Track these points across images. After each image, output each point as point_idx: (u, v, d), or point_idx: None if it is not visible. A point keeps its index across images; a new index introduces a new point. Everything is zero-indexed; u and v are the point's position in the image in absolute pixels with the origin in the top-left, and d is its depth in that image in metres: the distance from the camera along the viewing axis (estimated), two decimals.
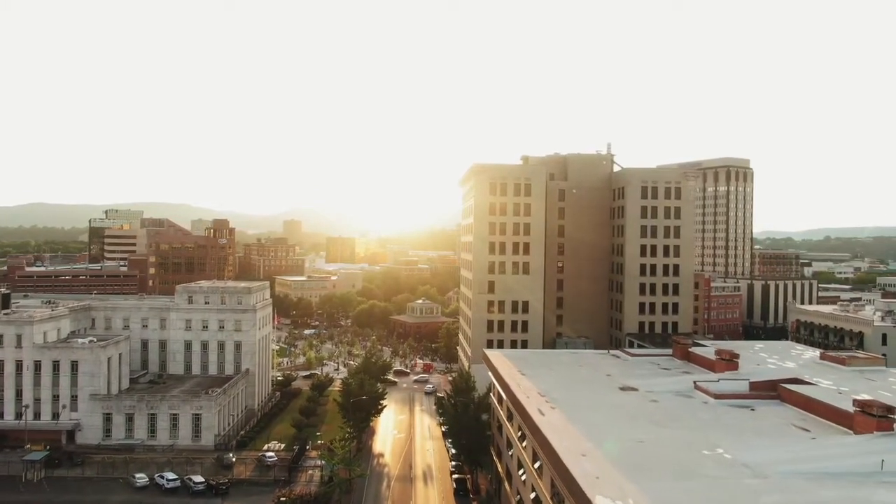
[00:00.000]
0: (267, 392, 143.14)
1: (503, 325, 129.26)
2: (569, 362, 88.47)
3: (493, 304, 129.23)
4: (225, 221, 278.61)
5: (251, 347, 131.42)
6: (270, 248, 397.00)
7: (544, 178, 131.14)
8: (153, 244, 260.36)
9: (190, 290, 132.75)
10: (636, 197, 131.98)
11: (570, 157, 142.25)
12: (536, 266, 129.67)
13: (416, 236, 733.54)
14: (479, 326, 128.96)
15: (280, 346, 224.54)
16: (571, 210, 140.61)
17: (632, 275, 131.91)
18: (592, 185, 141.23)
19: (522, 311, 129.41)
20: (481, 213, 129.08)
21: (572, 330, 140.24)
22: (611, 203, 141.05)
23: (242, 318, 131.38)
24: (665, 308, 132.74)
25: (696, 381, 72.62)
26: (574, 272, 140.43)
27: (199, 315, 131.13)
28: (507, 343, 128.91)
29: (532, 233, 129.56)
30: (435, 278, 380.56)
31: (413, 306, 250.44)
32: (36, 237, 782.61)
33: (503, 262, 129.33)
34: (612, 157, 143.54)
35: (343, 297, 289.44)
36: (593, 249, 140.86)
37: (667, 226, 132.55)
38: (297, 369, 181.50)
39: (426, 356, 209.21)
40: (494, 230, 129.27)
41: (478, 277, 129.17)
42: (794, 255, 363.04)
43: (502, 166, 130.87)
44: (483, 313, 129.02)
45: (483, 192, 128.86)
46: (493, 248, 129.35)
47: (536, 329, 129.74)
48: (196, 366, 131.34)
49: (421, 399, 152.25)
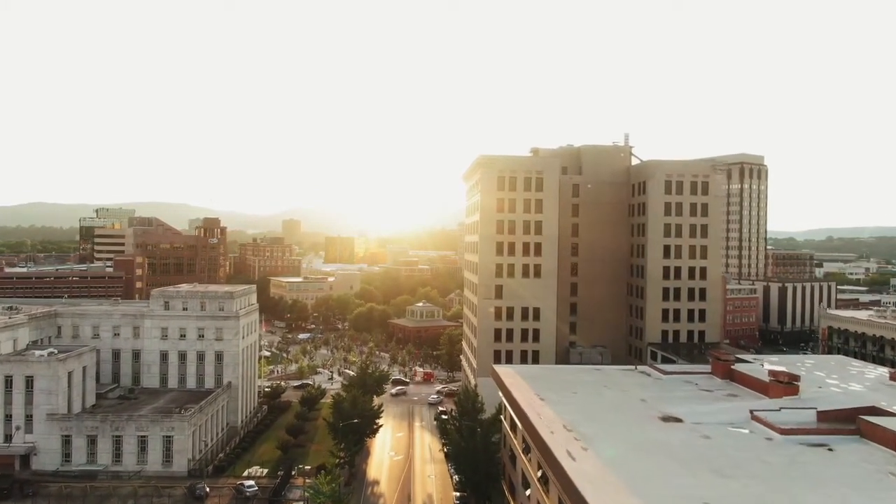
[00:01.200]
0: (252, 406, 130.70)
1: (512, 334, 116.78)
2: (593, 382, 76.07)
3: (501, 310, 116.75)
4: (216, 220, 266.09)
5: (234, 358, 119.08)
6: (266, 249, 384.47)
7: (558, 170, 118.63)
8: (140, 244, 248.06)
9: (166, 295, 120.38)
10: (659, 192, 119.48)
11: (584, 148, 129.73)
12: (549, 269, 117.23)
13: (415, 236, 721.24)
14: (485, 335, 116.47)
15: (272, 351, 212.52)
16: (586, 207, 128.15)
17: (654, 278, 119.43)
18: (609, 179, 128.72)
19: (533, 319, 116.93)
20: (488, 210, 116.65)
21: (587, 339, 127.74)
22: (630, 199, 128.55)
23: (224, 325, 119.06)
24: (691, 315, 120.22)
25: (753, 411, 60.19)
26: (589, 275, 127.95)
27: (176, 322, 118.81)
28: (516, 354, 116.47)
29: (544, 232, 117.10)
30: (436, 279, 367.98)
31: (413, 309, 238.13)
32: (34, 237, 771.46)
33: (512, 265, 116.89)
34: (630, 150, 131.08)
35: (340, 299, 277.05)
36: (610, 250, 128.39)
37: (693, 224, 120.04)
38: (288, 378, 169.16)
39: (427, 363, 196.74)
40: (502, 229, 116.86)
41: (484, 281, 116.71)
42: (808, 256, 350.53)
43: (511, 158, 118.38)
44: (489, 320, 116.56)
45: (490, 187, 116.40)
46: (501, 248, 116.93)
47: (549, 339, 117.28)
48: (173, 379, 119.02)
49: (421, 413, 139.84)
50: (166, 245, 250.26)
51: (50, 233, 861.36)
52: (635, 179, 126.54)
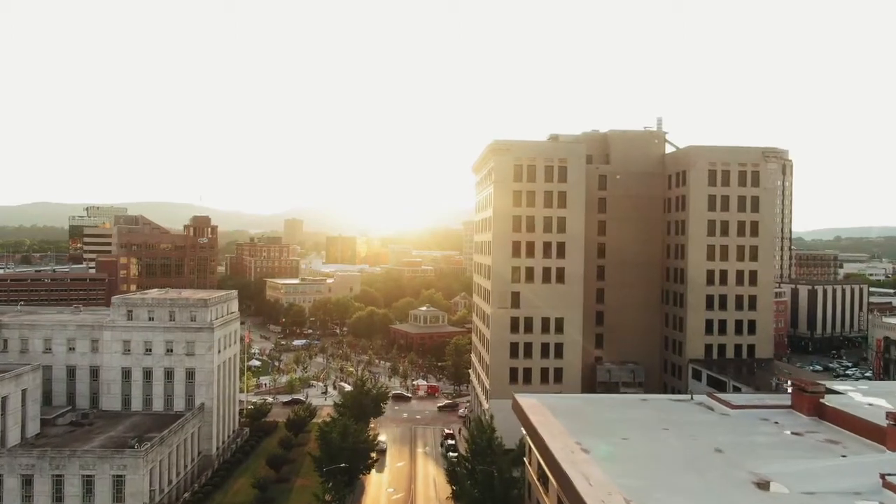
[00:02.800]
0: (231, 430, 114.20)
1: (531, 349, 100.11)
2: (645, 421, 59.08)
3: (518, 321, 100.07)
4: (206, 218, 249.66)
5: (208, 376, 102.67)
6: (263, 249, 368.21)
7: (584, 157, 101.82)
8: (125, 244, 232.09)
9: (129, 303, 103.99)
10: (702, 183, 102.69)
11: (612, 134, 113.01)
12: (574, 272, 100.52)
13: (418, 235, 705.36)
14: (499, 351, 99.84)
15: (263, 359, 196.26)
16: (615, 201, 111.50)
17: (696, 284, 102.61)
18: (641, 169, 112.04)
19: (556, 331, 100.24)
20: (503, 205, 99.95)
21: (616, 353, 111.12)
22: (665, 192, 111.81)
23: (196, 338, 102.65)
24: (738, 327, 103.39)
25: (886, 476, 43.42)
26: (617, 280, 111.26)
27: (140, 335, 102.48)
28: (535, 372, 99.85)
29: (568, 230, 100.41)
30: (440, 281, 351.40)
31: (416, 314, 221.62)
32: (35, 236, 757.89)
33: (531, 268, 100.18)
34: (664, 135, 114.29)
35: (338, 302, 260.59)
36: (642, 251, 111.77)
37: (741, 221, 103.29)
38: (278, 392, 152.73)
39: (430, 373, 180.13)
40: (519, 226, 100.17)
41: (498, 287, 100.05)
42: (832, 257, 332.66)
43: (530, 143, 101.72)
44: (504, 333, 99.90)
45: (505, 178, 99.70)
46: (518, 249, 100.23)
47: (573, 354, 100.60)
48: (136, 400, 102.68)
49: (425, 437, 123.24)
50: (153, 245, 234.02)
51: (51, 232, 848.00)
52: (672, 169, 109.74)
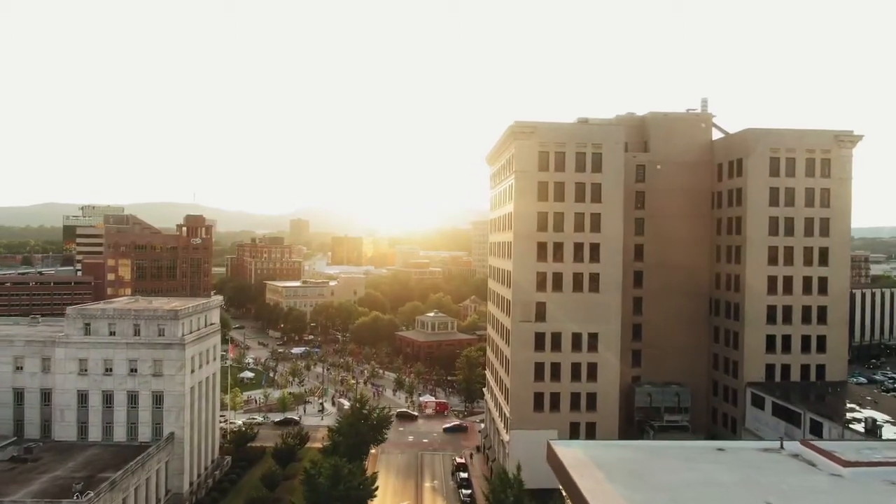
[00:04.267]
0: (209, 461, 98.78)
1: (559, 370, 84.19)
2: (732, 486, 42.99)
3: (544, 338, 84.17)
4: (200, 218, 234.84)
5: (178, 400, 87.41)
6: (264, 249, 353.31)
7: (622, 141, 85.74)
8: (113, 244, 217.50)
9: (87, 315, 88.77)
10: (762, 173, 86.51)
11: (651, 118, 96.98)
12: (610, 280, 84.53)
13: (426, 235, 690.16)
14: (521, 373, 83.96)
15: (258, 369, 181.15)
16: (655, 195, 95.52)
17: (755, 293, 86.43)
18: (685, 158, 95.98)
19: (588, 349, 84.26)
20: (526, 200, 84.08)
21: (656, 373, 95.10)
22: (714, 184, 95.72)
23: (165, 356, 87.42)
24: (806, 344, 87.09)
25: None
26: (658, 287, 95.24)
27: (99, 352, 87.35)
28: (565, 399, 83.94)
29: (604, 229, 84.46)
30: (448, 283, 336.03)
31: (423, 320, 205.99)
32: (41, 237, 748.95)
33: (559, 274, 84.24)
34: (711, 119, 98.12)
35: (341, 307, 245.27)
36: (688, 254, 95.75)
37: (809, 218, 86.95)
38: (270, 409, 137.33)
39: (439, 387, 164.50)
40: (546, 225, 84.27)
41: (520, 297, 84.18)
42: (862, 258, 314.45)
43: (558, 125, 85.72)
44: (528, 352, 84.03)
45: (528, 166, 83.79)
46: (544, 252, 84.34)
47: (610, 376, 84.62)
48: (95, 429, 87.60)
49: (433, 465, 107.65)
50: (143, 246, 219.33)
51: (57, 233, 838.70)
52: (723, 157, 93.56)
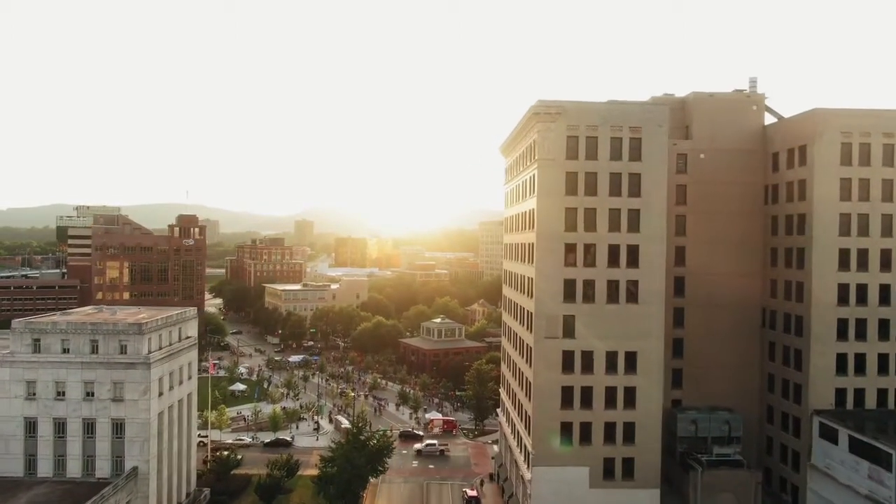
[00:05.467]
0: (183, 495, 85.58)
1: (590, 395, 70.86)
2: None
3: (573, 357, 70.85)
4: (193, 217, 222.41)
5: (142, 429, 74.63)
6: (264, 251, 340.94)
7: (666, 125, 72.32)
8: (100, 246, 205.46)
9: (36, 329, 76.04)
10: (831, 163, 72.98)
11: (694, 99, 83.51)
12: (652, 288, 71.16)
13: (431, 236, 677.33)
14: (545, 398, 70.69)
15: (252, 380, 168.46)
16: (698, 189, 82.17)
17: (823, 303, 72.90)
18: (733, 145, 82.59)
19: (626, 370, 70.90)
20: (551, 194, 70.80)
21: (700, 396, 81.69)
22: (768, 176, 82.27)
23: (126, 377, 74.66)
24: (883, 364, 73.49)
25: None
26: (702, 296, 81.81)
27: (49, 373, 74.66)
28: (597, 429, 70.64)
29: (645, 228, 71.10)
30: (454, 286, 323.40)
31: (429, 326, 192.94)
32: (46, 238, 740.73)
33: (591, 282, 70.89)
34: (763, 100, 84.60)
35: (342, 311, 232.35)
36: (737, 258, 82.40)
37: (888, 215, 73.32)
38: (261, 428, 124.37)
39: (447, 400, 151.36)
40: (575, 223, 70.97)
41: (544, 309, 70.88)
42: None
43: (589, 105, 72.26)
44: (553, 374, 70.73)
45: (554, 153, 70.48)
46: (573, 255, 71.03)
47: (651, 402, 71.24)
48: (45, 462, 74.99)
49: (440, 495, 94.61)
50: (131, 247, 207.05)
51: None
52: (780, 145, 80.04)
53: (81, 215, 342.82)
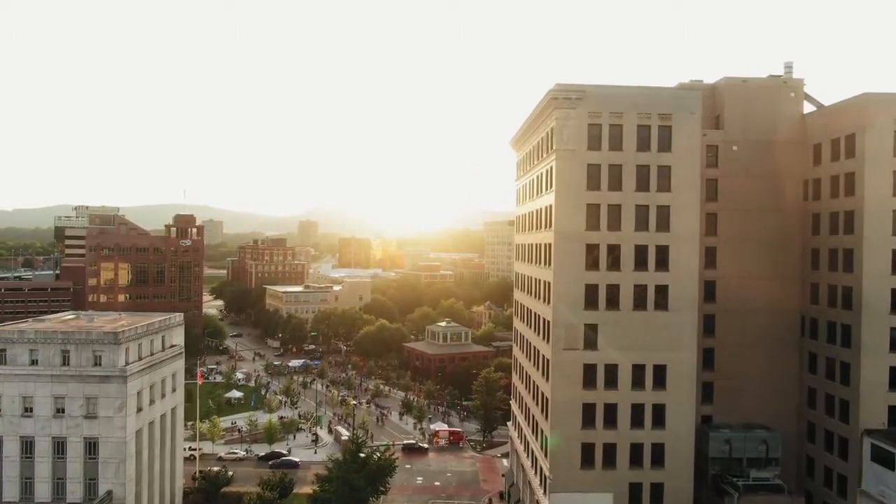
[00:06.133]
0: None
1: (615, 413, 63.58)
2: None
3: (595, 371, 63.59)
4: (191, 217, 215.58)
5: (118, 449, 67.65)
6: (265, 251, 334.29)
7: (698, 112, 64.96)
8: (94, 247, 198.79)
9: (1, 337, 69.07)
10: (884, 153, 65.43)
11: (726, 84, 75.99)
12: (684, 293, 63.88)
13: (436, 237, 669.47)
14: (565, 418, 63.41)
15: (250, 386, 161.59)
16: (731, 183, 74.66)
17: (875, 311, 65.34)
18: (769, 135, 75.06)
19: (654, 385, 63.61)
20: (570, 187, 63.54)
21: (732, 412, 74.13)
22: (808, 170, 74.71)
23: (101, 391, 67.69)
24: None
25: None
26: (734, 302, 74.29)
27: (16, 387, 67.77)
28: (622, 452, 63.33)
29: (675, 226, 63.87)
30: (459, 288, 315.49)
31: (434, 330, 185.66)
32: (49, 239, 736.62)
33: (615, 287, 63.60)
34: (802, 85, 77.03)
35: (344, 314, 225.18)
36: (774, 260, 74.84)
37: None
38: (255, 440, 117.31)
39: (452, 409, 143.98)
40: (597, 221, 63.70)
41: (562, 317, 63.57)
42: None
43: (615, 89, 64.89)
44: (573, 390, 63.45)
45: (574, 143, 63.21)
46: (595, 257, 63.76)
47: (682, 419, 63.96)
48: (10, 486, 68.07)
49: None
50: (126, 248, 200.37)
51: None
52: (822, 135, 72.48)
53: (80, 215, 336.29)
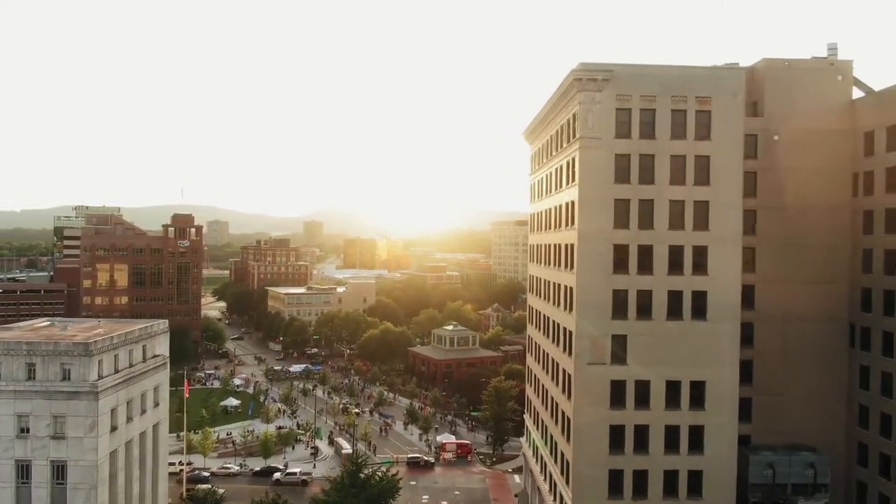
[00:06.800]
0: None
1: (646, 436, 56.19)
2: None
3: (624, 388, 56.22)
4: (189, 217, 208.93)
5: (89, 474, 60.60)
6: (268, 252, 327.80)
7: (741, 95, 57.52)
8: (89, 247, 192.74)
9: None
10: None
11: (766, 67, 68.38)
12: (725, 300, 56.52)
13: (441, 237, 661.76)
14: (589, 441, 56.04)
15: (248, 392, 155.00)
16: (771, 177, 67.07)
17: None
18: (813, 124, 67.39)
19: (692, 404, 56.23)
20: (596, 180, 56.18)
21: (774, 431, 66.48)
22: (858, 162, 67.03)
23: (69, 409, 60.70)
24: None
25: None
26: (775, 309, 66.68)
27: None
28: (655, 480, 55.93)
29: (715, 225, 56.57)
30: (466, 289, 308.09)
31: (441, 334, 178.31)
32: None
33: (647, 293, 56.25)
34: (850, 68, 69.36)
35: (348, 317, 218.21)
36: (820, 262, 67.18)
37: None
38: (251, 452, 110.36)
39: (459, 417, 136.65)
40: (627, 218, 56.32)
41: (586, 327, 56.21)
42: None
43: (646, 69, 57.43)
44: (600, 409, 56.09)
45: (601, 130, 55.85)
46: (624, 258, 56.38)
47: (722, 443, 56.59)
48: None
49: None
50: (122, 249, 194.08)
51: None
52: (875, 122, 64.81)
53: (79, 215, 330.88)
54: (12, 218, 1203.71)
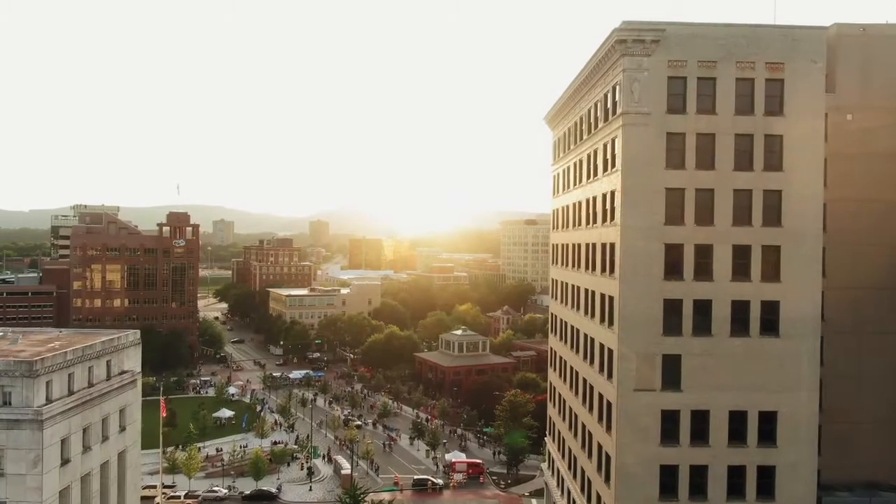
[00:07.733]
0: None
1: (705, 479, 45.78)
2: None
3: (677, 419, 45.85)
4: (185, 216, 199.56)
5: None
6: (270, 252, 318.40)
7: (822, 61, 47.13)
8: (80, 247, 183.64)
9: None
10: None
11: (839, 33, 57.62)
12: (803, 312, 46.03)
13: (448, 237, 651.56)
14: (634, 485, 45.73)
15: (244, 401, 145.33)
16: (844, 163, 56.36)
17: None
18: (895, 102, 56.71)
19: (761, 440, 45.80)
20: (643, 165, 45.81)
21: (848, 465, 55.87)
22: None
23: (9, 440, 50.79)
24: None
25: None
26: (848, 320, 56.04)
27: None
28: None
29: (790, 219, 46.10)
30: (475, 290, 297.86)
31: (449, 339, 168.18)
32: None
33: (705, 304, 45.87)
34: None
35: (351, 320, 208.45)
36: None
37: None
38: (241, 472, 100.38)
39: (469, 430, 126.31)
40: (681, 212, 45.98)
41: (631, 345, 45.89)
42: None
43: (705, 28, 47.07)
44: (647, 446, 45.74)
45: (649, 104, 45.53)
46: (679, 260, 46.02)
47: (798, 486, 46.18)
48: None
49: None
50: (115, 249, 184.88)
51: None
52: None
53: (76, 214, 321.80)
54: (20, 218, 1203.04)
